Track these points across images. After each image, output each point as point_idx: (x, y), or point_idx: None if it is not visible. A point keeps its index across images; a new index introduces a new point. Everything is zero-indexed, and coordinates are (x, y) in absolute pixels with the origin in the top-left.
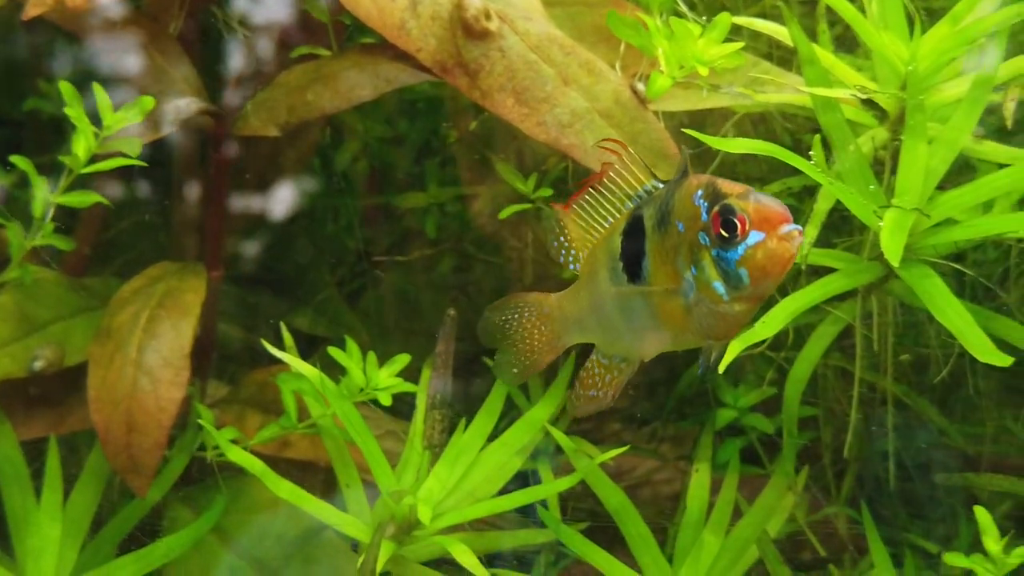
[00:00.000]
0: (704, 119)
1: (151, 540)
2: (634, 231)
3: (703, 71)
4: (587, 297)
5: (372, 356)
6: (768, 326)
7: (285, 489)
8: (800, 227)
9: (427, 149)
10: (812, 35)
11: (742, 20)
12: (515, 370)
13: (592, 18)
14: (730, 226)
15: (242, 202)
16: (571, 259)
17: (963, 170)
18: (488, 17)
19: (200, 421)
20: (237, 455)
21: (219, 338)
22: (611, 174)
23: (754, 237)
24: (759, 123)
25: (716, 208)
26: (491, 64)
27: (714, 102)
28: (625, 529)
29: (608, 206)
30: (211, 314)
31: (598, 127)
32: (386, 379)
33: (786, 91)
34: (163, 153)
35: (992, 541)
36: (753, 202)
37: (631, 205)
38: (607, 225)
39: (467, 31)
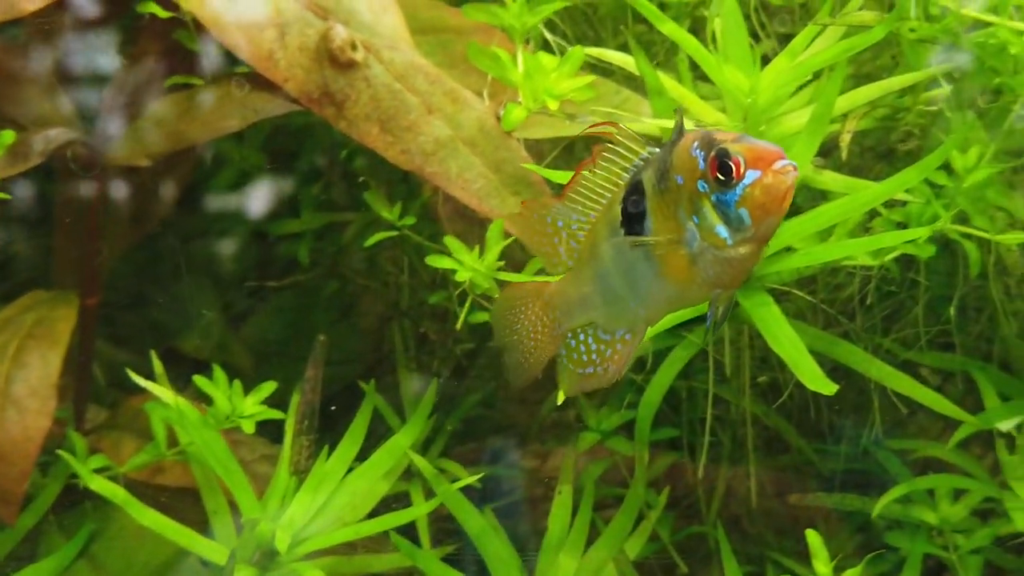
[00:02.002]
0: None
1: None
2: (634, 196)
3: (552, 104)
4: (590, 273)
5: (238, 384)
6: None
7: (148, 517)
8: (795, 162)
9: (308, 174)
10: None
11: (594, 51)
12: (525, 368)
13: (463, 45)
14: (726, 169)
15: (122, 229)
16: (567, 253)
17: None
18: (354, 47)
19: (60, 452)
20: (99, 484)
21: (104, 363)
22: (605, 154)
23: (750, 176)
24: None
25: (712, 153)
26: (356, 94)
27: (574, 130)
28: (485, 553)
29: (606, 184)
30: (88, 340)
31: (462, 155)
32: (252, 407)
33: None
34: (39, 182)
35: (822, 564)
36: (747, 144)
37: (627, 176)
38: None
39: (333, 61)
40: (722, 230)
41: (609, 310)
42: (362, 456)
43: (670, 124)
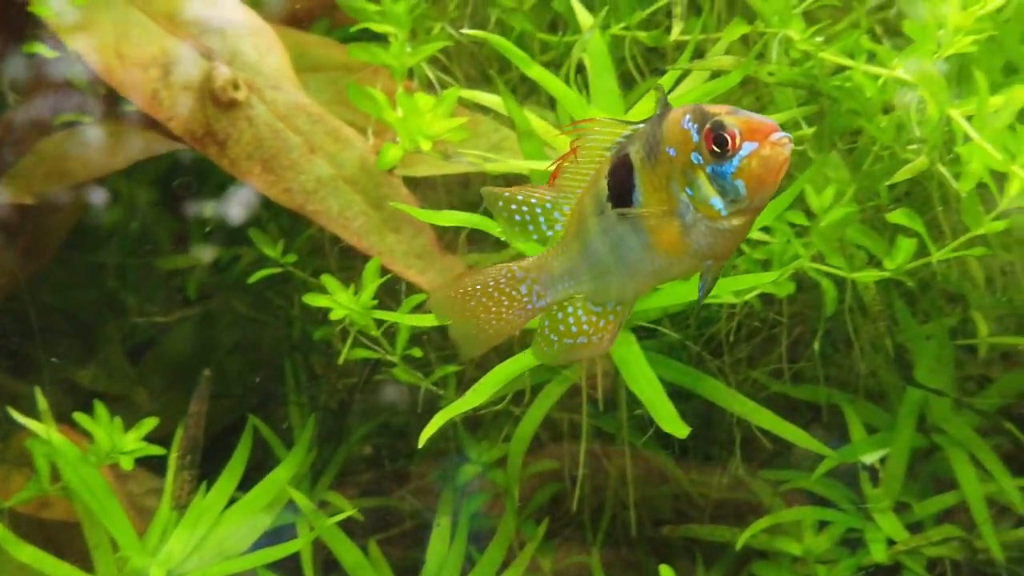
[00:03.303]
0: None
1: None
2: (621, 170)
3: (425, 145)
4: (577, 247)
5: (118, 421)
6: (479, 393)
7: (26, 553)
8: (790, 134)
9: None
10: None
11: (467, 94)
12: (478, 340)
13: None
14: (722, 141)
15: (14, 263)
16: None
17: None
18: (236, 87)
19: None
20: None
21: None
22: (585, 143)
23: (747, 148)
24: None
25: (707, 126)
26: (239, 133)
27: (455, 168)
28: None
29: (588, 163)
30: None
31: (343, 193)
32: (132, 443)
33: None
34: None
35: None
36: (742, 116)
37: (609, 153)
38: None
39: (216, 101)
40: (717, 201)
41: (597, 284)
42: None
43: (540, 165)
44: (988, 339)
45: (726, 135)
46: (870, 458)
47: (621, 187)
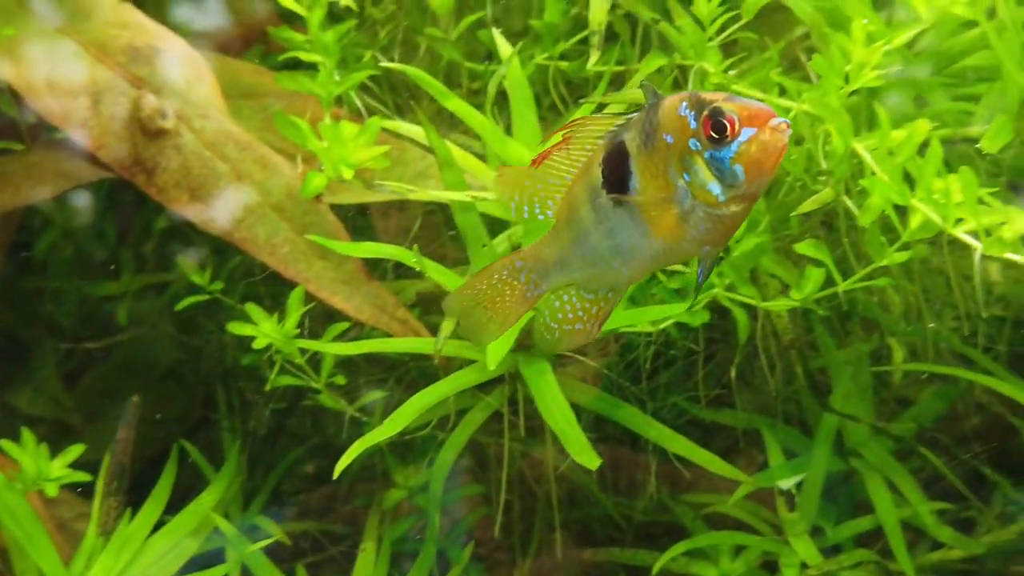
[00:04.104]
0: None
1: None
2: (616, 157)
3: (347, 174)
4: (570, 235)
5: (44, 447)
6: (394, 423)
7: None
8: (787, 120)
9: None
10: None
11: (389, 124)
12: (488, 330)
13: (282, 110)
14: (720, 127)
15: None
16: (540, 210)
17: None
18: (164, 116)
19: None
20: None
21: None
22: (575, 133)
23: (746, 133)
24: None
25: (705, 112)
26: (167, 161)
27: (382, 197)
28: None
29: (580, 152)
30: None
31: (270, 221)
32: (58, 470)
33: None
34: None
35: None
36: (739, 103)
37: (602, 142)
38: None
39: (144, 130)
40: (715, 187)
41: (591, 271)
42: None
43: (459, 195)
44: (902, 366)
45: (725, 121)
46: (786, 483)
47: (617, 175)
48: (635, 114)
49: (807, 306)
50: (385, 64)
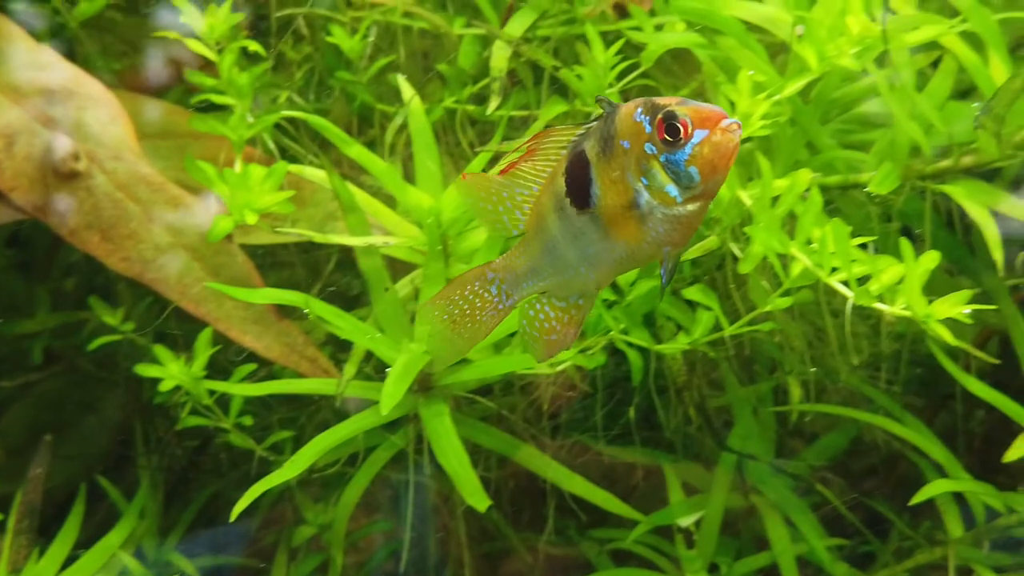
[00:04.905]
0: None
1: None
2: (577, 166)
3: (251, 219)
4: (538, 245)
5: None
6: (296, 464)
7: None
8: (739, 120)
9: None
10: None
11: (295, 168)
12: (458, 345)
13: (199, 149)
14: (674, 130)
15: None
16: (511, 223)
17: None
18: (76, 158)
19: None
20: None
21: None
22: (540, 145)
23: (699, 135)
24: None
25: (659, 116)
26: (78, 203)
27: (292, 238)
28: None
29: (545, 163)
30: None
31: (182, 261)
32: None
33: None
34: None
35: None
36: (691, 106)
37: (564, 152)
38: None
39: (56, 172)
40: (672, 189)
41: (560, 278)
42: None
43: (361, 240)
44: (799, 406)
45: (678, 124)
46: (685, 520)
47: (579, 183)
48: (595, 122)
49: (698, 348)
50: (286, 112)
